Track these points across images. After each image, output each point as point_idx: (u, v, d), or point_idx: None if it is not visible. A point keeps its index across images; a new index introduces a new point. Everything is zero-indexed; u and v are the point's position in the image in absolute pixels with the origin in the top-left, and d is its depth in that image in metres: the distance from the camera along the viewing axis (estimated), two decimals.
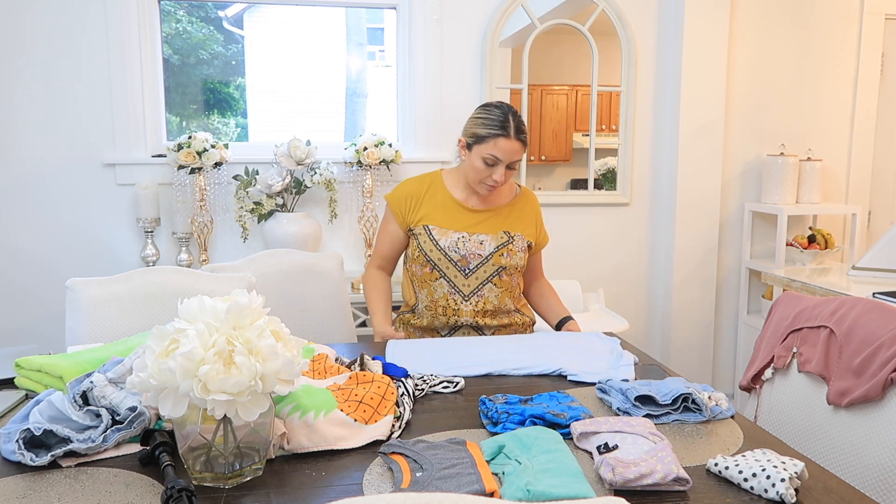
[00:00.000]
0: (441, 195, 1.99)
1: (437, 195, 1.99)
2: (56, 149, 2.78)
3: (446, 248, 1.91)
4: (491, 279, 1.94)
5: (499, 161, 1.86)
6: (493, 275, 1.93)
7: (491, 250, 1.92)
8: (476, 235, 1.93)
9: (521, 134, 1.88)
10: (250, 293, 1.05)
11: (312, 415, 1.14)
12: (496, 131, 1.85)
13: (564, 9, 3.08)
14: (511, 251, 1.94)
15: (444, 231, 1.93)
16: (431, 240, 1.92)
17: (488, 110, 1.89)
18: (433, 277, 1.94)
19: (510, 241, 1.94)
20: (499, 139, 1.85)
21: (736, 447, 1.15)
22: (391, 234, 2.02)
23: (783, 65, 3.29)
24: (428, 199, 1.98)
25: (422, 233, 1.94)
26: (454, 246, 1.91)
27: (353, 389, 1.27)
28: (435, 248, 1.92)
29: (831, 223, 3.46)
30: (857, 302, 1.39)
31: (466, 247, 1.92)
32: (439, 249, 1.91)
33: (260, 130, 3.38)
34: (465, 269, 1.92)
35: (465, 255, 1.91)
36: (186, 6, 3.22)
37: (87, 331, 1.73)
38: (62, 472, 1.05)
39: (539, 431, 1.11)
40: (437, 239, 1.92)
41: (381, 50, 3.50)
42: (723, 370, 3.43)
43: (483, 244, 1.92)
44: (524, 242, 1.97)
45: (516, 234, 1.96)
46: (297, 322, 2.10)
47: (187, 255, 2.83)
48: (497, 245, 1.93)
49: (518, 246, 1.95)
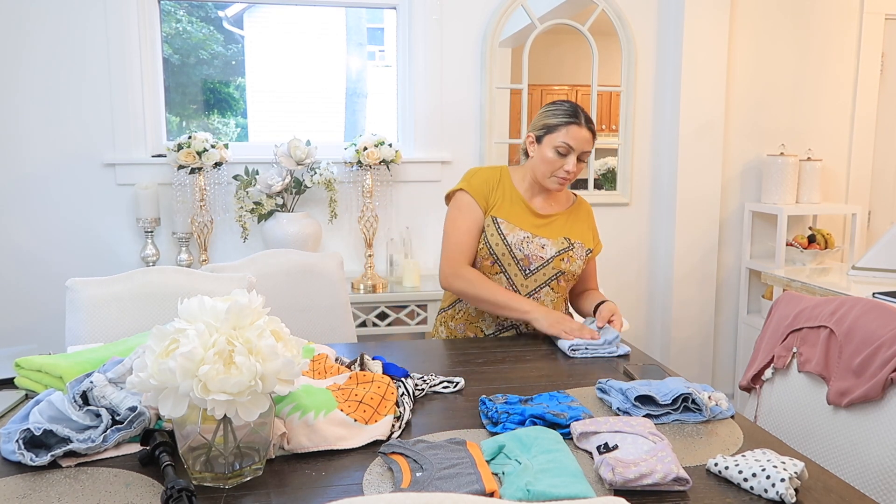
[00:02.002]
0: (510, 190, 1.94)
1: (507, 189, 1.94)
2: (56, 149, 2.78)
3: (513, 244, 1.87)
4: (549, 283, 1.91)
5: (571, 149, 1.84)
6: (551, 278, 1.91)
7: (553, 254, 1.89)
8: (539, 238, 1.90)
9: (590, 124, 1.87)
10: (250, 293, 1.05)
11: (312, 415, 1.14)
12: (567, 119, 1.84)
13: (564, 9, 3.08)
14: (571, 257, 1.91)
15: (511, 227, 1.89)
16: (499, 233, 1.88)
17: (557, 104, 1.90)
18: (493, 271, 1.90)
19: (570, 247, 1.92)
20: (570, 126, 1.84)
21: (736, 447, 1.15)
22: (474, 221, 1.91)
23: (783, 65, 3.29)
24: (500, 190, 1.94)
25: (490, 224, 1.90)
26: (519, 244, 1.88)
27: (353, 389, 1.27)
28: (502, 242, 1.88)
29: (831, 223, 3.46)
30: (857, 302, 1.39)
31: (530, 247, 1.88)
32: (506, 245, 1.87)
33: (260, 130, 3.38)
34: (525, 269, 1.89)
35: (527, 255, 1.88)
36: (186, 6, 3.22)
37: (87, 331, 1.73)
38: (62, 472, 1.05)
39: (539, 431, 1.11)
40: (506, 234, 1.88)
41: (381, 50, 3.50)
42: (723, 370, 3.43)
43: (545, 248, 1.89)
44: (583, 250, 1.94)
45: (576, 241, 1.93)
46: (297, 322, 2.09)
47: (187, 255, 2.83)
48: (558, 250, 1.90)
49: (577, 253, 1.92)
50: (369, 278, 2.85)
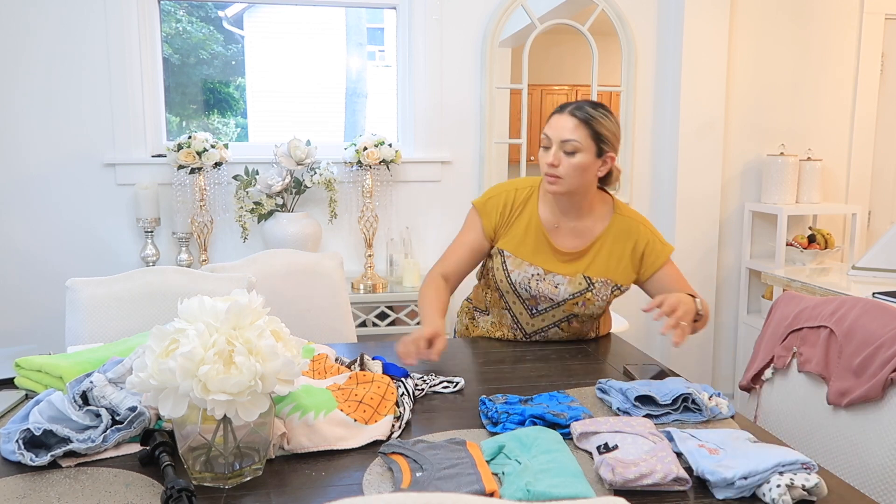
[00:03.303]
0: (529, 216, 1.75)
1: (526, 215, 1.75)
2: (56, 149, 2.78)
3: (516, 283, 1.72)
4: (559, 324, 1.77)
5: (550, 141, 1.64)
6: (562, 320, 1.76)
7: (565, 296, 1.70)
8: (552, 276, 1.71)
9: (577, 111, 1.63)
10: (250, 293, 1.05)
11: (312, 415, 1.14)
12: (554, 111, 1.68)
13: (564, 9, 3.08)
14: (588, 300, 1.71)
15: (518, 262, 1.72)
16: (504, 269, 1.73)
17: None
18: (500, 305, 1.80)
19: (589, 288, 1.71)
20: (552, 117, 1.66)
21: None
22: (473, 244, 1.77)
23: (783, 65, 3.29)
24: (517, 218, 1.75)
25: (496, 256, 1.75)
26: (525, 283, 1.72)
27: (353, 389, 1.27)
28: (505, 279, 1.73)
29: (831, 223, 3.46)
30: (857, 302, 1.39)
31: (539, 287, 1.71)
32: (509, 282, 1.73)
33: (260, 130, 3.38)
34: (532, 308, 1.75)
35: (535, 296, 1.72)
36: (186, 6, 3.22)
37: (87, 331, 1.73)
38: (62, 472, 1.05)
39: (539, 431, 1.11)
40: (510, 271, 1.72)
41: (381, 50, 3.50)
42: (723, 370, 3.43)
43: (558, 288, 1.71)
44: (608, 289, 1.72)
45: (598, 280, 1.71)
46: (297, 322, 2.09)
47: (187, 255, 2.83)
48: (573, 292, 1.71)
49: (599, 294, 1.71)
50: (369, 278, 2.85)
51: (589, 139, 1.62)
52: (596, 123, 1.62)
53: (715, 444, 1.08)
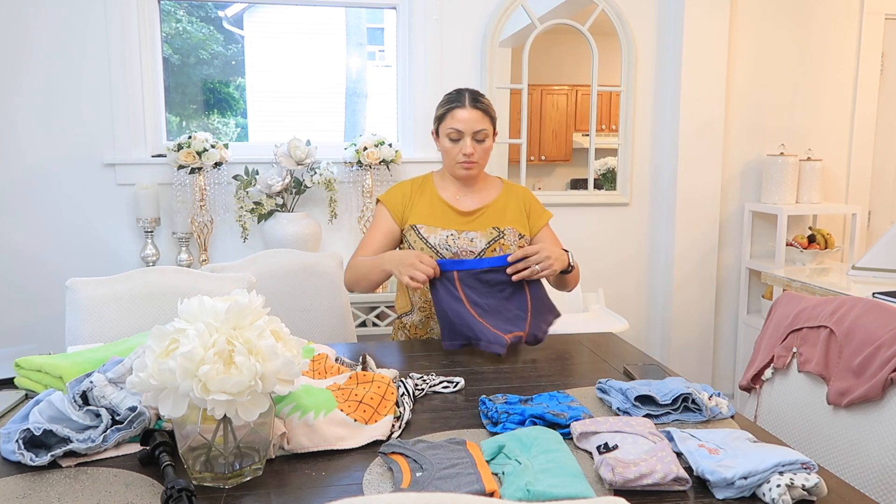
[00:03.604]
0: (430, 196, 1.97)
1: (426, 196, 1.97)
2: (56, 149, 2.78)
3: (436, 244, 1.89)
4: None
5: (461, 133, 1.86)
6: None
7: (482, 246, 1.89)
8: (465, 233, 1.90)
9: (477, 102, 1.88)
10: (250, 293, 1.05)
11: (312, 415, 1.14)
12: (451, 105, 1.89)
13: (564, 9, 3.08)
14: (503, 245, 1.91)
15: (432, 229, 1.91)
16: (420, 238, 1.90)
17: (446, 93, 1.95)
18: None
19: (500, 235, 1.91)
20: (455, 110, 1.87)
21: None
22: (384, 230, 1.96)
23: (783, 65, 3.29)
24: (417, 199, 1.96)
25: (411, 232, 1.92)
26: (444, 243, 1.89)
27: (353, 389, 1.27)
28: (425, 245, 1.89)
29: (831, 223, 3.46)
30: (857, 302, 1.39)
31: (457, 244, 1.89)
32: (430, 247, 1.88)
33: (260, 130, 3.38)
34: None
35: (456, 252, 1.88)
36: (186, 6, 3.22)
37: (87, 331, 1.73)
38: (62, 472, 1.05)
39: (539, 431, 1.11)
40: (426, 237, 1.89)
41: (381, 50, 3.50)
42: (723, 370, 3.43)
43: (473, 241, 1.90)
44: (515, 235, 1.94)
45: (507, 228, 1.93)
46: (297, 322, 2.09)
47: (187, 255, 2.83)
48: (488, 241, 1.90)
49: (510, 239, 1.92)
50: None
51: (490, 125, 1.91)
52: (490, 110, 1.92)
53: (715, 444, 1.09)
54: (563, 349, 1.75)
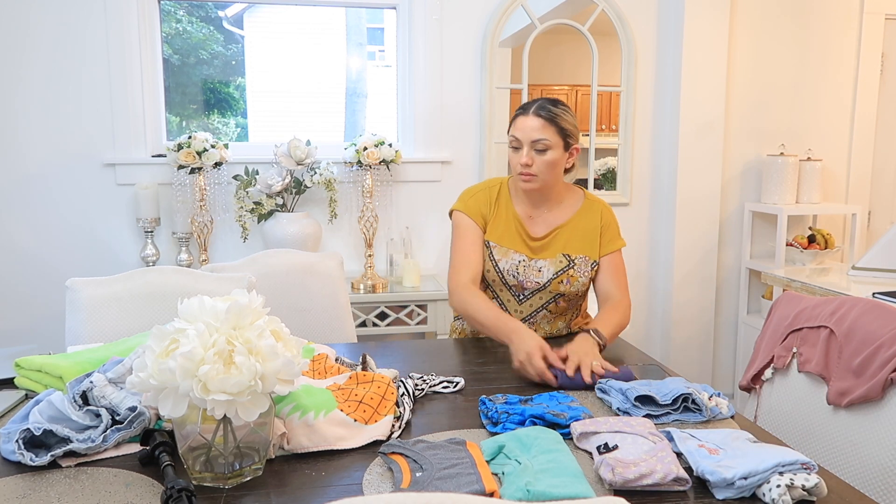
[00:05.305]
0: (506, 209, 1.85)
1: (503, 206, 1.85)
2: (56, 149, 2.78)
3: (504, 270, 1.79)
4: (546, 306, 1.83)
5: (520, 141, 1.75)
6: (549, 302, 1.82)
7: (549, 277, 1.78)
8: (535, 261, 1.79)
9: (541, 110, 1.74)
10: (250, 293, 1.05)
11: (312, 415, 1.14)
12: (517, 112, 1.79)
13: (564, 9, 3.08)
14: (572, 277, 1.79)
15: (504, 251, 1.80)
16: (492, 259, 1.81)
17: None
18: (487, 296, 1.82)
19: (570, 265, 1.79)
20: (517, 119, 1.77)
21: None
22: (477, 241, 1.81)
23: (783, 65, 3.29)
24: (496, 208, 1.85)
25: (485, 248, 1.82)
26: (513, 269, 1.79)
27: (353, 389, 1.27)
28: (493, 268, 1.80)
29: (831, 223, 3.46)
30: (857, 302, 1.39)
31: (525, 273, 1.79)
32: (497, 271, 1.80)
33: (260, 130, 3.38)
34: (519, 294, 1.82)
35: (521, 282, 1.79)
36: (186, 6, 3.22)
37: (87, 331, 1.73)
38: (62, 472, 1.05)
39: (539, 431, 1.11)
40: (498, 260, 1.80)
41: (381, 50, 3.50)
42: (723, 370, 3.43)
43: (542, 271, 1.79)
44: (587, 265, 1.81)
45: (578, 256, 1.80)
46: (297, 322, 2.09)
47: (187, 255, 2.83)
48: (556, 271, 1.78)
49: (580, 271, 1.80)
50: (369, 278, 2.85)
51: (556, 136, 1.74)
52: (560, 120, 1.75)
53: (715, 444, 1.09)
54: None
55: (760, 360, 1.55)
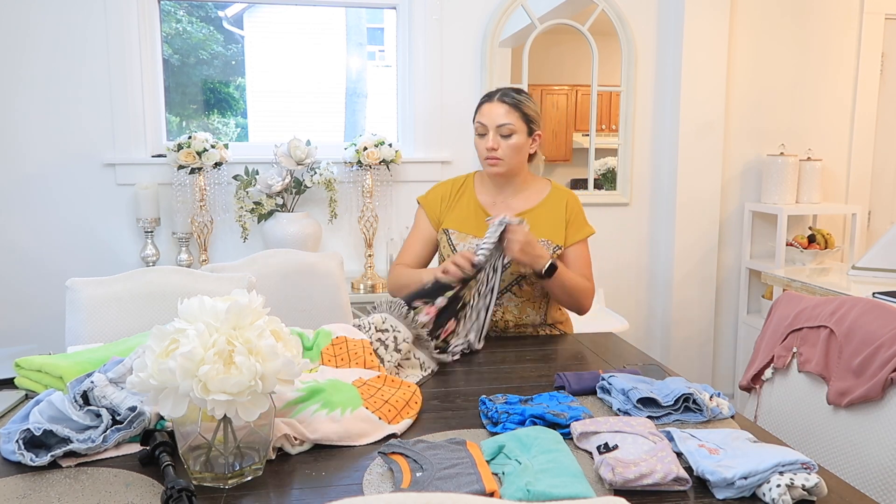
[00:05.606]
0: (468, 198, 1.92)
1: (464, 198, 1.93)
2: (56, 149, 2.78)
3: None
4: (510, 288, 1.84)
5: (486, 127, 1.83)
6: (512, 284, 1.84)
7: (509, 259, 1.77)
8: None
9: (505, 97, 1.83)
10: (250, 293, 1.05)
11: (339, 412, 1.18)
12: (481, 100, 1.87)
13: (564, 9, 3.08)
14: None
15: (463, 236, 1.86)
16: (450, 245, 1.87)
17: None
18: None
19: None
20: (482, 106, 1.85)
21: None
22: (423, 235, 1.94)
23: (783, 65, 3.29)
24: (455, 201, 1.92)
25: (443, 237, 1.89)
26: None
27: (380, 388, 1.30)
28: (452, 253, 1.85)
29: (831, 223, 3.46)
30: (857, 302, 1.39)
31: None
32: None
33: (260, 130, 3.38)
34: None
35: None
36: (186, 6, 3.22)
37: (87, 331, 1.73)
38: (62, 472, 1.05)
39: (539, 431, 1.11)
40: (456, 244, 1.86)
41: (381, 50, 3.50)
42: (723, 370, 3.43)
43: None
44: (549, 249, 1.85)
45: (540, 240, 1.82)
46: (297, 322, 2.09)
47: (187, 255, 2.83)
48: None
49: None
50: (369, 278, 2.85)
51: (521, 121, 1.84)
52: (523, 106, 1.85)
53: (715, 444, 1.08)
54: (563, 349, 1.75)
55: (760, 359, 1.55)
